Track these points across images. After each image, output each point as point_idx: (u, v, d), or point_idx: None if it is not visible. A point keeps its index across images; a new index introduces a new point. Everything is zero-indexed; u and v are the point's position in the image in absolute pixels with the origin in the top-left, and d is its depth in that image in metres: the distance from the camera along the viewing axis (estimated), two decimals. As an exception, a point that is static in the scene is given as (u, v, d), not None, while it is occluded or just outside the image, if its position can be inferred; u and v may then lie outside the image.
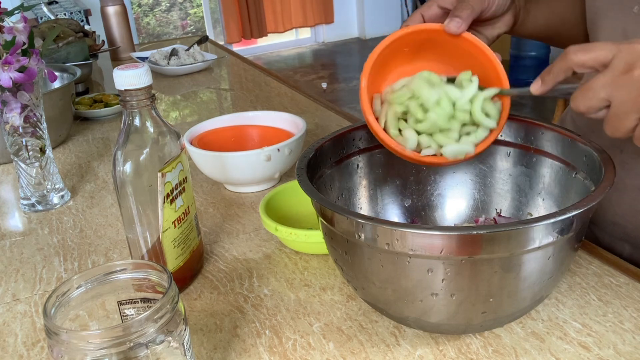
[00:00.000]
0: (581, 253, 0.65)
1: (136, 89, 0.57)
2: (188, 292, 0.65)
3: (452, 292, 0.48)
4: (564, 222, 0.46)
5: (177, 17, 5.48)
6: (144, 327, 0.41)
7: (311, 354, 0.54)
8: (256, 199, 0.86)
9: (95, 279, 0.46)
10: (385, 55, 0.58)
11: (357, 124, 0.65)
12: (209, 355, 0.55)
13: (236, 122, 0.96)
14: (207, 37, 1.83)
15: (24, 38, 0.78)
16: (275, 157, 0.83)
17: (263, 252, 0.72)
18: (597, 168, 0.53)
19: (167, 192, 0.60)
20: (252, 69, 1.65)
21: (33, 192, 0.87)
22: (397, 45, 0.58)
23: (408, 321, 0.53)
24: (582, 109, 0.49)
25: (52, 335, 0.40)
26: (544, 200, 0.62)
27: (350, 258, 0.51)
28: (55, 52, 1.40)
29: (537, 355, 0.52)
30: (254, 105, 1.32)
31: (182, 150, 0.62)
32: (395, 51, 0.59)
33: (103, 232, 0.80)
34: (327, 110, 1.23)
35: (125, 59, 1.78)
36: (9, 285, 0.69)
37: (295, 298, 0.62)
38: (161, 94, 1.48)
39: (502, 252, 0.45)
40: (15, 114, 0.80)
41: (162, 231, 0.60)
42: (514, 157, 0.64)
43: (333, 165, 0.63)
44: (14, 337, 0.60)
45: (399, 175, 0.68)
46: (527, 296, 0.50)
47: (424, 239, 0.45)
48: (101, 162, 1.05)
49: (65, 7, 3.17)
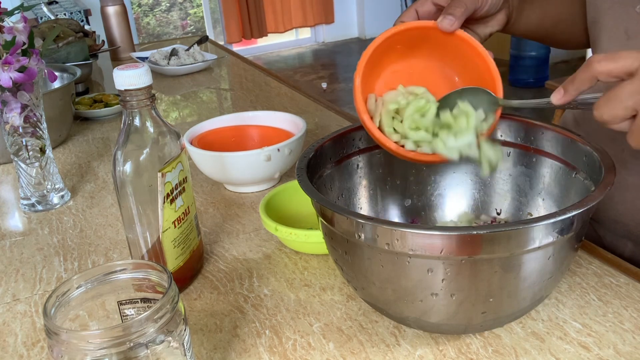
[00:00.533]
0: (581, 253, 0.65)
1: (136, 89, 0.57)
2: (188, 292, 0.65)
3: (452, 292, 0.48)
4: (564, 222, 0.46)
5: (177, 17, 5.48)
6: (144, 327, 0.41)
7: (311, 354, 0.54)
8: (256, 199, 0.86)
9: (95, 279, 0.46)
10: (378, 53, 0.58)
11: (357, 124, 0.65)
12: (209, 355, 0.55)
13: (236, 122, 0.96)
14: (207, 37, 1.83)
15: (24, 38, 0.78)
16: (275, 157, 0.83)
17: (263, 252, 0.72)
18: (597, 168, 0.53)
19: (167, 192, 0.60)
20: (252, 69, 1.65)
21: (33, 192, 0.87)
22: (390, 42, 0.58)
23: (408, 321, 0.53)
24: (606, 117, 0.48)
25: (52, 335, 0.40)
26: (544, 200, 0.62)
27: (350, 258, 0.51)
28: (55, 52, 1.40)
29: (537, 355, 0.52)
30: (254, 105, 1.32)
31: (182, 150, 0.62)
32: (389, 49, 0.59)
33: (103, 232, 0.80)
34: (327, 110, 1.23)
35: (125, 59, 1.78)
36: (9, 285, 0.69)
37: (295, 298, 0.62)
38: (161, 94, 1.48)
39: (502, 252, 0.45)
40: (15, 114, 0.80)
41: (162, 231, 0.60)
42: (514, 157, 0.64)
43: (333, 165, 0.63)
44: (14, 337, 0.60)
45: (399, 175, 0.68)
46: (527, 296, 0.50)
47: (424, 239, 0.45)
48: (101, 162, 1.05)
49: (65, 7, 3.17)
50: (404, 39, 0.59)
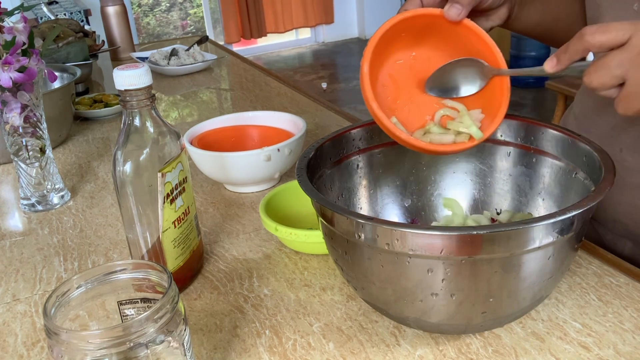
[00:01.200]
0: (581, 253, 0.65)
1: (136, 89, 0.57)
2: (188, 292, 0.65)
3: (452, 292, 0.47)
4: (564, 222, 0.46)
5: (177, 17, 5.48)
6: (144, 327, 0.41)
7: (311, 354, 0.54)
8: (256, 199, 0.86)
9: (95, 279, 0.46)
10: (384, 40, 0.57)
11: (357, 124, 0.65)
12: (209, 355, 0.55)
13: (236, 122, 0.96)
14: (207, 37, 1.83)
15: (24, 38, 0.78)
16: (275, 157, 0.83)
17: (263, 252, 0.72)
18: (597, 168, 0.53)
19: (167, 192, 0.60)
20: (252, 69, 1.65)
21: (33, 192, 0.87)
22: (395, 30, 0.57)
23: (408, 321, 0.53)
24: (595, 84, 0.49)
25: (52, 335, 0.40)
26: (544, 200, 0.62)
27: (350, 258, 0.51)
28: (55, 52, 1.40)
29: (537, 355, 0.52)
30: (254, 105, 1.32)
31: (182, 150, 0.62)
32: (394, 37, 0.58)
33: (103, 232, 0.80)
34: (327, 110, 1.23)
35: (125, 59, 1.78)
36: (9, 285, 0.69)
37: (295, 298, 0.62)
38: (161, 94, 1.48)
39: (502, 252, 0.45)
40: (15, 114, 0.80)
41: (162, 231, 0.60)
42: (514, 157, 0.64)
43: (333, 165, 0.63)
44: (14, 337, 0.60)
45: (399, 175, 0.68)
46: (527, 296, 0.50)
47: (424, 239, 0.45)
48: (101, 162, 1.05)
49: (65, 7, 3.17)
50: (409, 27, 0.58)
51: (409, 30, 0.59)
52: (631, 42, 0.48)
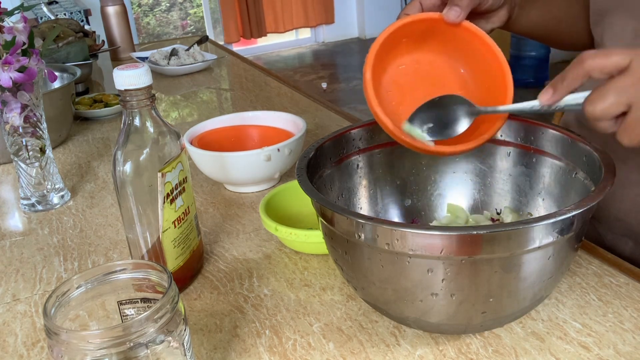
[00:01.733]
0: (581, 253, 0.65)
1: (136, 89, 0.57)
2: (188, 292, 0.65)
3: (452, 292, 0.47)
4: (564, 222, 0.46)
5: (177, 17, 5.48)
6: (144, 327, 0.41)
7: (311, 354, 0.54)
8: (256, 199, 0.86)
9: (95, 279, 0.46)
10: (385, 47, 0.57)
11: (357, 124, 0.65)
12: (209, 355, 0.55)
13: (236, 122, 0.96)
14: (207, 37, 1.83)
15: (24, 38, 0.78)
16: (275, 157, 0.83)
17: (263, 252, 0.72)
18: (597, 168, 0.53)
19: (167, 192, 0.60)
20: (252, 69, 1.65)
21: (33, 192, 0.87)
22: (396, 36, 0.58)
23: (408, 321, 0.53)
24: (598, 112, 0.47)
25: (52, 335, 0.40)
26: (544, 200, 0.62)
27: (350, 258, 0.51)
28: (55, 52, 1.40)
29: (537, 355, 0.52)
30: (254, 105, 1.32)
31: (182, 150, 0.62)
32: (395, 42, 0.58)
33: (103, 232, 0.80)
34: (327, 110, 1.23)
35: (125, 59, 1.78)
36: (9, 285, 0.69)
37: (295, 298, 0.62)
38: (161, 94, 1.48)
39: (502, 252, 0.45)
40: (15, 114, 0.80)
41: (162, 231, 0.60)
42: (514, 157, 0.64)
43: (333, 165, 0.63)
44: (14, 337, 0.60)
45: (399, 175, 0.68)
46: (527, 296, 0.50)
47: (424, 239, 0.45)
48: (101, 162, 1.05)
49: (65, 7, 3.17)
50: (409, 32, 0.58)
51: (410, 35, 0.59)
52: (632, 66, 0.46)
